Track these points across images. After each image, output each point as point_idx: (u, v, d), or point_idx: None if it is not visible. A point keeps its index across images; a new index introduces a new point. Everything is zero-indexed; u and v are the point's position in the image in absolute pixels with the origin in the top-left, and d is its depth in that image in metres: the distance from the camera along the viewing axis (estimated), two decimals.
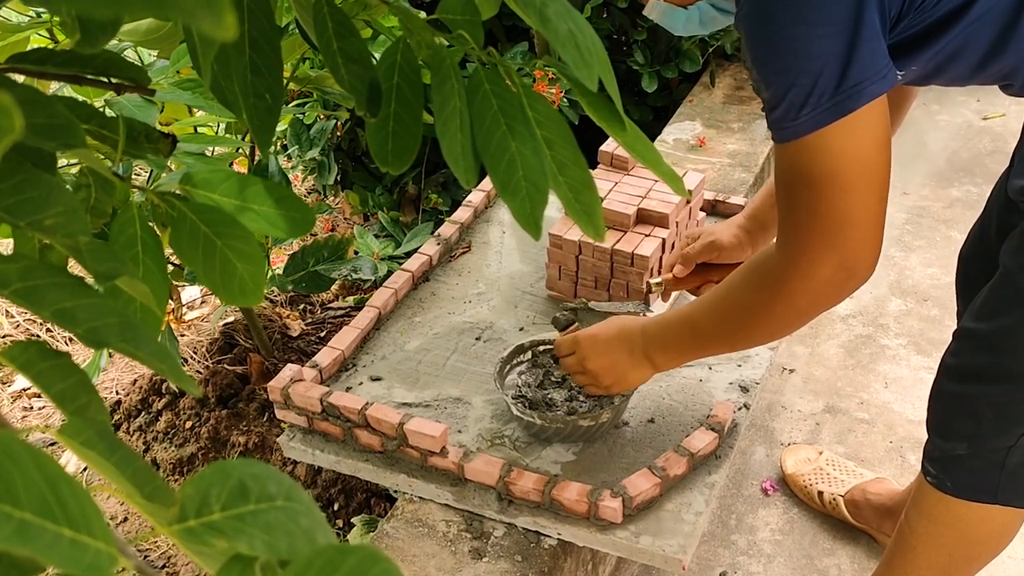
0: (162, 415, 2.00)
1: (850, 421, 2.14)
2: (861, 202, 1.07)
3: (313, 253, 1.90)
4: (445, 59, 0.52)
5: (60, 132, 0.47)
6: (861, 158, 1.05)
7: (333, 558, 0.30)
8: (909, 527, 1.53)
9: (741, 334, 1.24)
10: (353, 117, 2.47)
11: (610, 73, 0.51)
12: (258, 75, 0.59)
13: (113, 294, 0.51)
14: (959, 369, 1.34)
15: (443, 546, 1.39)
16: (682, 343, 1.32)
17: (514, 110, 0.50)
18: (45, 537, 0.27)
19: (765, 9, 1.02)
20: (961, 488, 1.39)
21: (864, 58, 1.00)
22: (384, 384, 1.61)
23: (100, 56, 0.63)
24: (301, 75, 1.70)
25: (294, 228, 0.56)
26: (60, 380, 0.39)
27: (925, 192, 2.91)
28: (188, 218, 0.56)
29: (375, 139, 0.55)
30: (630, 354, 1.36)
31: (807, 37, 0.99)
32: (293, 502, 0.33)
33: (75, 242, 0.42)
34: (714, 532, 1.90)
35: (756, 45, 1.04)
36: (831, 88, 1.00)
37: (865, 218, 1.08)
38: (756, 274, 1.19)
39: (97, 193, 0.60)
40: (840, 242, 1.08)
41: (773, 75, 1.03)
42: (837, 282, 1.11)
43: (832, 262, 1.09)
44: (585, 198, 0.49)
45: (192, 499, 0.32)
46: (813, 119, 1.02)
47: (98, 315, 0.40)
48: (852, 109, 1.01)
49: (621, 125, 0.51)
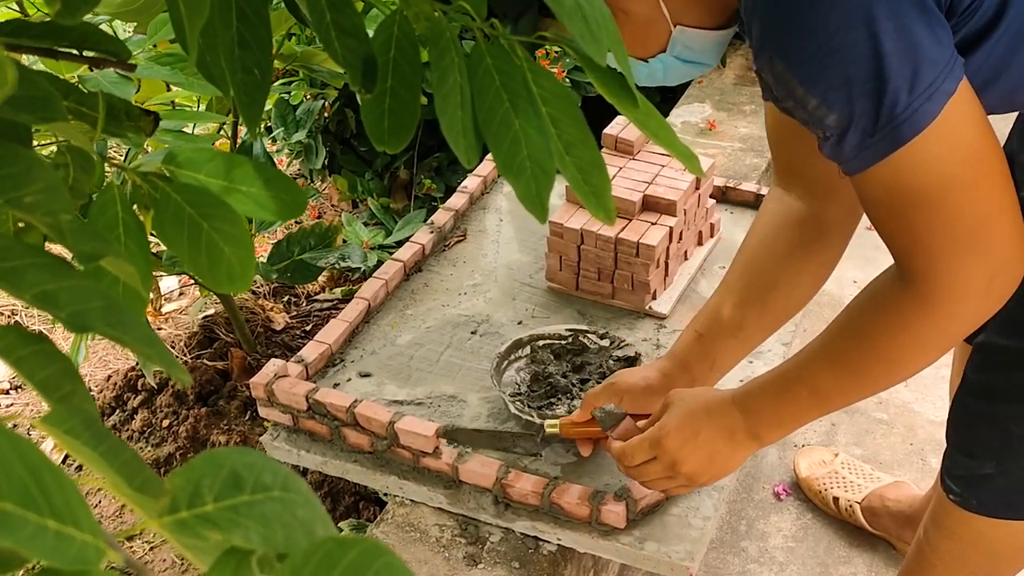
0: (138, 413, 2.01)
1: (868, 422, 2.15)
2: (985, 196, 0.99)
3: (299, 241, 1.90)
4: (444, 31, 0.52)
5: (40, 105, 0.47)
6: (966, 152, 0.97)
7: (333, 551, 0.30)
8: (929, 545, 1.54)
9: (877, 379, 1.13)
10: (341, 97, 2.47)
11: (621, 46, 0.51)
12: (246, 49, 0.60)
13: (95, 276, 0.52)
14: (985, 386, 1.34)
15: (436, 552, 1.39)
16: (797, 409, 1.19)
17: (518, 86, 0.50)
18: (27, 529, 0.27)
19: (802, 21, 0.94)
20: (988, 506, 1.40)
21: (932, 52, 0.93)
22: (374, 380, 1.62)
23: (78, 28, 0.63)
24: (287, 52, 1.71)
25: (284, 210, 0.56)
26: (43, 367, 0.40)
27: None
28: (172, 199, 0.56)
29: (370, 116, 0.55)
30: (730, 439, 1.21)
31: (862, 40, 0.91)
32: (290, 492, 0.34)
33: (56, 221, 0.42)
34: (723, 538, 1.91)
35: (800, 65, 0.96)
36: (904, 95, 0.93)
37: (997, 210, 1.00)
38: (885, 313, 1.08)
39: (76, 173, 0.60)
40: (983, 248, 1.00)
41: (831, 93, 0.95)
42: (996, 289, 1.02)
43: (982, 274, 1.01)
44: (595, 179, 0.49)
45: (183, 490, 0.33)
46: (893, 134, 0.95)
47: (82, 298, 0.41)
48: (933, 114, 0.94)
49: (633, 101, 0.51)
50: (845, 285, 2.54)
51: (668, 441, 1.22)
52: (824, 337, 1.15)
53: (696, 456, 1.22)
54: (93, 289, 0.42)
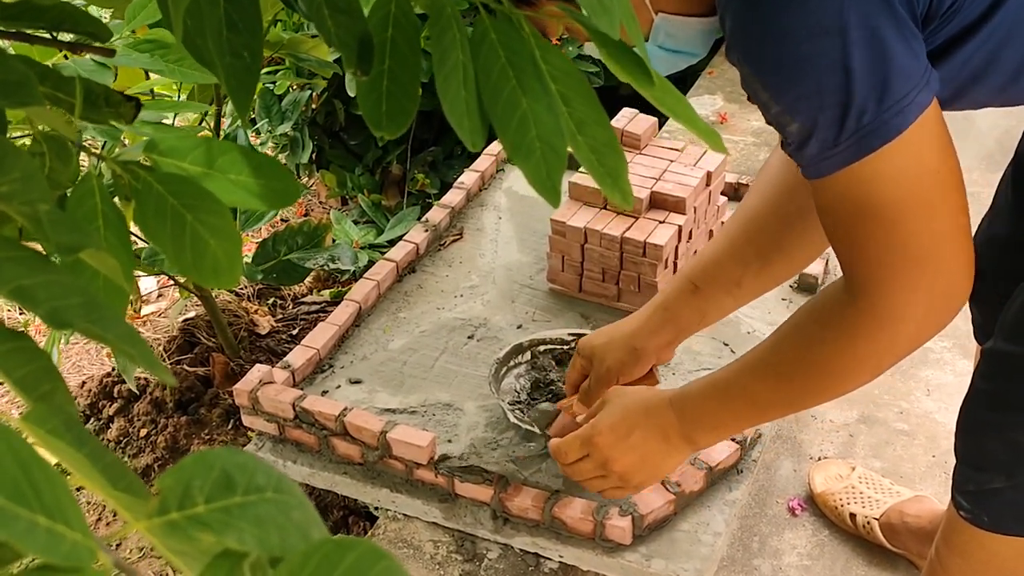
0: (114, 421, 2.00)
1: (888, 432, 2.15)
2: (940, 219, 1.02)
3: (285, 240, 1.90)
4: (445, 7, 0.52)
5: (15, 89, 0.47)
6: (927, 172, 1.00)
7: (330, 554, 0.30)
8: (941, 564, 1.54)
9: (816, 392, 1.18)
10: (330, 87, 2.47)
11: (634, 20, 0.51)
12: (234, 31, 0.60)
13: (74, 270, 0.52)
14: (993, 395, 1.35)
15: (430, 569, 1.39)
16: (733, 416, 1.24)
17: (525, 63, 0.50)
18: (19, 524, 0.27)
19: (771, 26, 0.95)
20: (999, 523, 1.40)
21: (905, 64, 0.95)
22: (365, 388, 1.62)
23: (55, 8, 0.63)
24: (273, 39, 1.71)
25: (275, 199, 0.56)
26: (22, 365, 0.39)
27: (974, 176, 2.92)
28: (154, 189, 0.56)
29: (367, 100, 0.55)
30: (664, 440, 1.25)
31: (831, 49, 0.93)
32: (284, 494, 0.34)
33: (34, 210, 0.42)
34: (734, 556, 1.91)
35: (767, 72, 0.98)
36: (873, 105, 0.95)
37: (951, 235, 1.03)
38: (828, 327, 1.12)
39: (52, 162, 0.60)
40: (931, 271, 1.03)
41: (797, 102, 0.97)
42: (935, 313, 1.06)
43: (925, 297, 1.04)
44: (610, 160, 0.49)
45: (173, 491, 0.33)
46: (857, 145, 0.97)
47: (61, 294, 0.41)
48: (902, 128, 0.96)
49: (648, 78, 0.51)
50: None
51: (600, 439, 1.25)
52: (765, 345, 1.19)
53: (629, 456, 1.25)
54: (72, 284, 0.42)
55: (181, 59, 1.31)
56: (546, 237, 1.80)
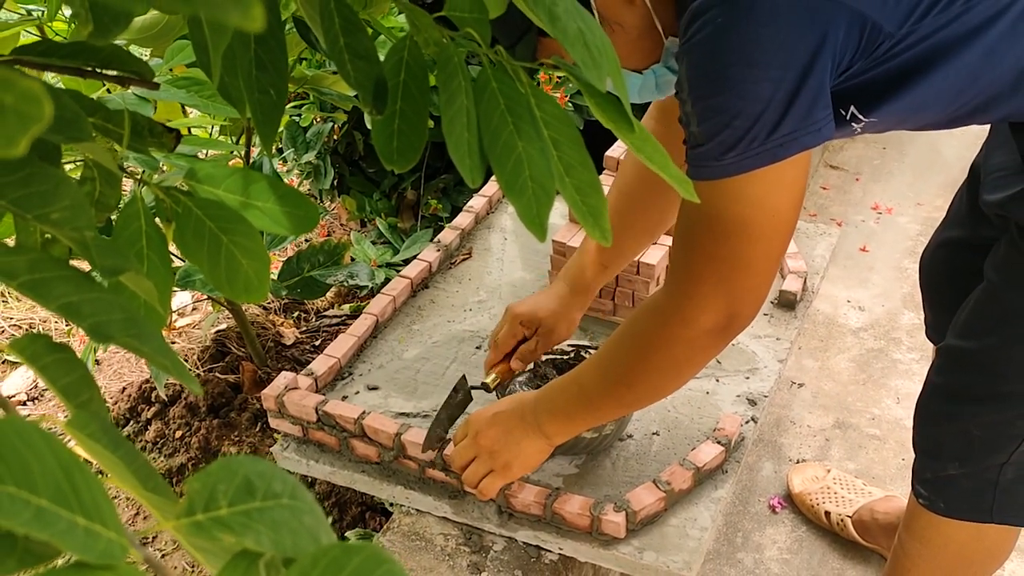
0: (151, 424, 2.01)
1: (861, 437, 2.15)
2: (764, 253, 1.06)
3: (308, 258, 1.91)
4: (452, 56, 0.53)
5: (67, 125, 0.48)
6: (777, 210, 1.04)
7: (338, 557, 0.31)
8: (903, 550, 1.54)
9: (622, 390, 1.20)
10: (350, 120, 2.48)
11: (619, 74, 0.52)
12: (263, 70, 0.61)
13: (116, 290, 0.52)
14: (946, 388, 1.36)
15: (441, 560, 1.39)
16: (569, 406, 1.26)
17: (521, 109, 0.51)
18: (60, 524, 0.28)
19: (716, 44, 0.98)
20: (954, 508, 1.40)
21: (803, 108, 0.98)
22: (381, 393, 1.62)
23: (106, 49, 0.64)
24: (298, 75, 1.72)
25: (297, 225, 0.57)
26: (65, 374, 0.40)
27: (939, 203, 2.92)
28: (193, 213, 0.57)
29: (380, 136, 0.56)
30: (521, 421, 1.29)
31: (753, 79, 0.96)
32: (297, 500, 0.34)
33: (81, 236, 0.43)
34: (719, 550, 1.91)
35: (698, 78, 1.00)
36: (764, 134, 0.98)
37: (764, 269, 1.07)
38: (640, 321, 1.16)
39: (101, 187, 0.61)
40: (731, 288, 1.07)
41: (710, 112, 1.00)
42: (716, 331, 1.10)
43: (717, 310, 1.08)
44: (592, 200, 0.50)
45: (200, 494, 0.33)
46: (738, 163, 1.00)
47: (103, 310, 0.41)
48: (781, 158, 0.99)
49: (629, 126, 0.52)
50: (839, 305, 2.54)
51: (475, 417, 1.33)
52: (604, 343, 1.23)
53: (492, 432, 1.30)
54: (114, 302, 0.42)
55: (214, 95, 1.32)
56: (548, 257, 1.81)
